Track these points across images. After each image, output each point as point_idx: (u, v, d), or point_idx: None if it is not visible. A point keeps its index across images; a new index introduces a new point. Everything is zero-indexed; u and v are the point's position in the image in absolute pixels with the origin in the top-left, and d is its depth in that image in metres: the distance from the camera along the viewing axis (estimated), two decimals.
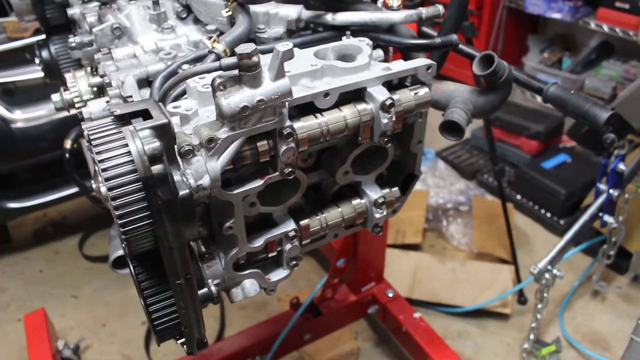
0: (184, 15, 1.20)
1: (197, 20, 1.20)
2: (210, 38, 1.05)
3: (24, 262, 2.65)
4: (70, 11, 1.41)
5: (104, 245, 2.75)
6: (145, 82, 1.05)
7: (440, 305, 2.27)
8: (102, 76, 1.11)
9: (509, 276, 2.30)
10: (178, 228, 0.73)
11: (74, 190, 2.49)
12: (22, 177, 2.50)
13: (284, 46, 0.75)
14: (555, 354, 2.11)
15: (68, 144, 1.56)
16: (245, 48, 0.73)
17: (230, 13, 1.04)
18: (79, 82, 1.22)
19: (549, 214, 2.70)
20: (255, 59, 0.73)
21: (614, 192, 1.88)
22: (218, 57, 0.93)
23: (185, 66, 0.99)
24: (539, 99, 1.25)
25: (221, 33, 1.08)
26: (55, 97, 1.25)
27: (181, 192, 0.73)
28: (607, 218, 1.95)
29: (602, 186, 1.91)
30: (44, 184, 2.50)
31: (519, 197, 2.80)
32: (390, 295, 2.00)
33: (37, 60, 1.69)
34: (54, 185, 2.51)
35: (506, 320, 2.26)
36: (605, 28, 3.04)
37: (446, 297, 2.26)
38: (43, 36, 1.70)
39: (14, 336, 2.26)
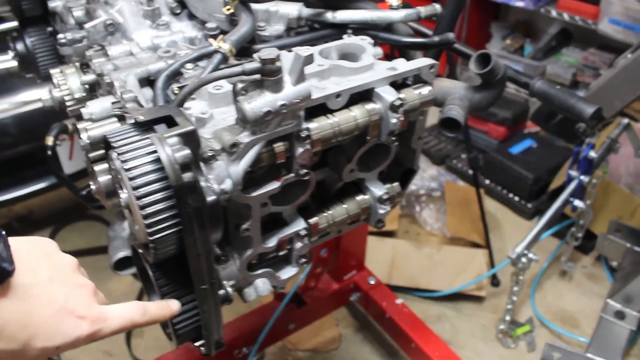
0: (178, 11, 1.18)
1: (191, 16, 1.19)
2: (212, 36, 1.05)
3: None
4: (51, 4, 1.37)
5: (74, 239, 2.70)
6: (145, 81, 1.04)
7: (418, 290, 2.32)
8: (99, 75, 1.09)
9: (483, 260, 2.37)
10: (206, 234, 0.74)
11: (43, 185, 2.43)
12: None
13: (305, 51, 0.76)
14: (529, 333, 2.20)
15: (50, 140, 1.51)
16: (269, 53, 0.73)
17: (231, 11, 1.03)
18: (69, 80, 1.19)
19: (517, 198, 2.79)
20: (278, 64, 0.74)
21: (585, 178, 1.96)
22: (225, 57, 0.93)
23: (188, 65, 0.99)
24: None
25: (222, 31, 1.08)
26: (44, 94, 1.22)
27: (209, 198, 0.74)
28: (578, 203, 2.03)
29: (574, 173, 1.99)
30: (11, 179, 2.43)
31: (487, 182, 2.88)
32: (372, 282, 2.04)
33: (10, 53, 1.64)
34: (22, 180, 2.43)
35: (481, 303, 2.33)
36: (566, 17, 3.13)
37: (423, 282, 2.32)
38: (14, 24, 1.64)
39: None
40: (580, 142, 1.91)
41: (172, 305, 0.81)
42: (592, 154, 1.89)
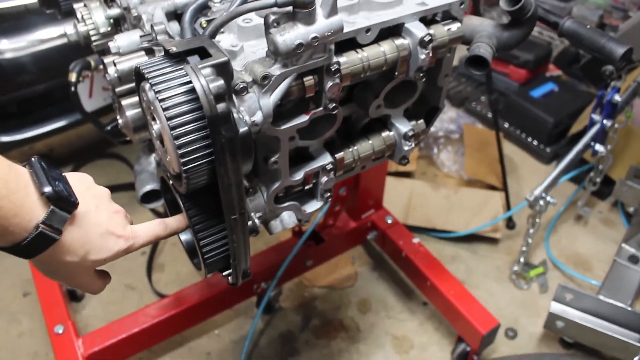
0: None
1: None
2: None
3: None
4: None
5: (94, 176, 2.63)
6: (172, 15, 1.03)
7: (433, 230, 2.35)
8: (125, 9, 1.09)
9: (500, 202, 2.38)
10: (237, 165, 0.75)
11: (64, 123, 2.44)
12: (9, 110, 2.44)
13: None
14: (542, 275, 2.23)
15: (73, 76, 1.52)
16: None
17: None
18: (94, 14, 1.19)
19: (536, 142, 2.77)
20: None
21: (607, 122, 1.95)
22: None
23: None
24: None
25: None
26: (69, 29, 1.22)
27: (241, 130, 0.75)
28: (599, 147, 2.02)
29: (596, 116, 1.96)
30: (32, 117, 2.44)
31: (507, 125, 2.87)
32: (389, 221, 2.07)
33: None
34: (43, 118, 2.45)
35: (496, 245, 2.36)
36: None
37: (440, 223, 2.34)
38: None
39: (14, 270, 2.27)
40: (605, 86, 1.88)
41: (186, 219, 0.93)
42: (617, 97, 1.86)
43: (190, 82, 0.70)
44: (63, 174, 0.78)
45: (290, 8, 0.75)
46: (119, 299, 2.19)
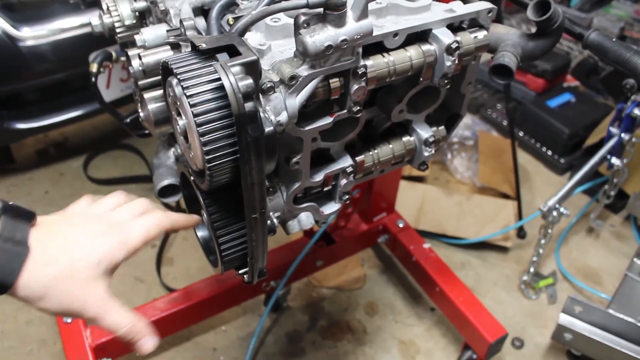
0: None
1: None
2: None
3: (28, 182, 2.65)
4: None
5: (108, 167, 2.75)
6: (199, 10, 1.04)
7: (444, 236, 2.35)
8: (151, 2, 1.09)
9: (512, 211, 2.37)
10: (261, 164, 0.75)
11: (80, 112, 2.46)
12: (28, 97, 2.45)
13: None
14: (552, 286, 2.22)
15: (94, 67, 1.53)
16: None
17: None
18: (120, 6, 1.19)
19: (550, 152, 2.76)
20: None
21: (625, 136, 1.93)
22: None
23: None
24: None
25: None
26: (94, 20, 1.22)
27: (266, 129, 0.75)
28: (615, 161, 2.01)
29: (614, 129, 1.95)
30: (49, 105, 2.46)
31: (521, 134, 2.85)
32: (401, 225, 2.07)
33: None
34: (59, 106, 2.46)
35: (506, 253, 2.36)
36: None
37: (451, 229, 2.34)
38: None
39: None
40: (625, 99, 1.87)
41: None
42: (637, 111, 1.85)
43: (219, 79, 0.70)
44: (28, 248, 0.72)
45: (321, 10, 0.75)
46: (128, 291, 2.20)
